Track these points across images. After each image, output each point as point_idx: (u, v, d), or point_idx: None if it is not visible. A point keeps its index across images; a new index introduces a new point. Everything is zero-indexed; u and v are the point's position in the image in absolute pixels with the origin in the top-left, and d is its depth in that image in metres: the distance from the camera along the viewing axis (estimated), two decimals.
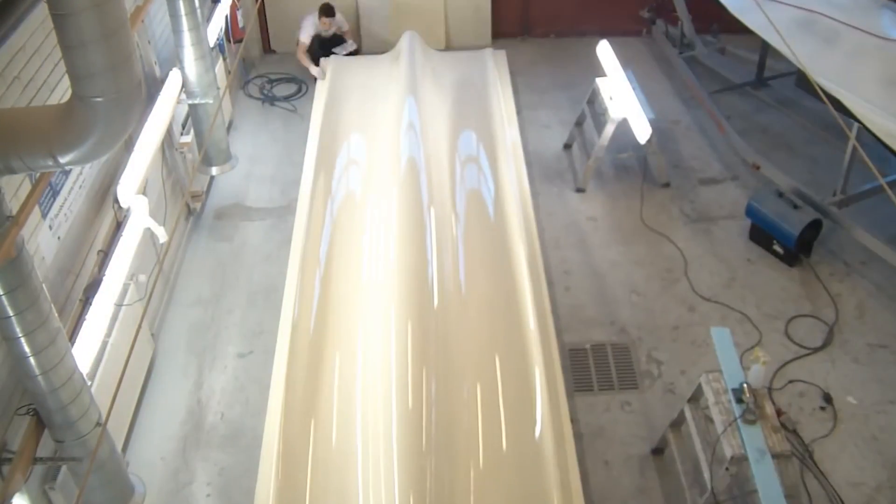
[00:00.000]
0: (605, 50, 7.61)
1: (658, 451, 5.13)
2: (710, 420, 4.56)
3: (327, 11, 8.39)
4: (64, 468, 4.04)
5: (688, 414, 4.74)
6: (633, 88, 7.19)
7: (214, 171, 7.07)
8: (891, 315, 6.07)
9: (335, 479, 4.25)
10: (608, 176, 7.56)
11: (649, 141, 7.03)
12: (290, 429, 4.44)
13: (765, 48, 7.97)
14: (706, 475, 4.42)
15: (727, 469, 4.24)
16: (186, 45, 6.04)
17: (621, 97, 7.11)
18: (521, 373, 4.64)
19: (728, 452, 4.20)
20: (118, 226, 5.17)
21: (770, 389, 5.45)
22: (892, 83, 5.39)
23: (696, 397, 4.73)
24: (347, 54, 8.54)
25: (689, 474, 4.72)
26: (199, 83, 6.27)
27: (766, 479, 3.99)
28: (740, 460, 4.18)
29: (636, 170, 7.57)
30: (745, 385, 4.30)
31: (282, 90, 8.99)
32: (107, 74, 2.75)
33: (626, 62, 7.56)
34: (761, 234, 6.64)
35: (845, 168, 6.30)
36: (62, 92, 4.46)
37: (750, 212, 6.67)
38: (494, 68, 7.62)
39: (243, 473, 4.98)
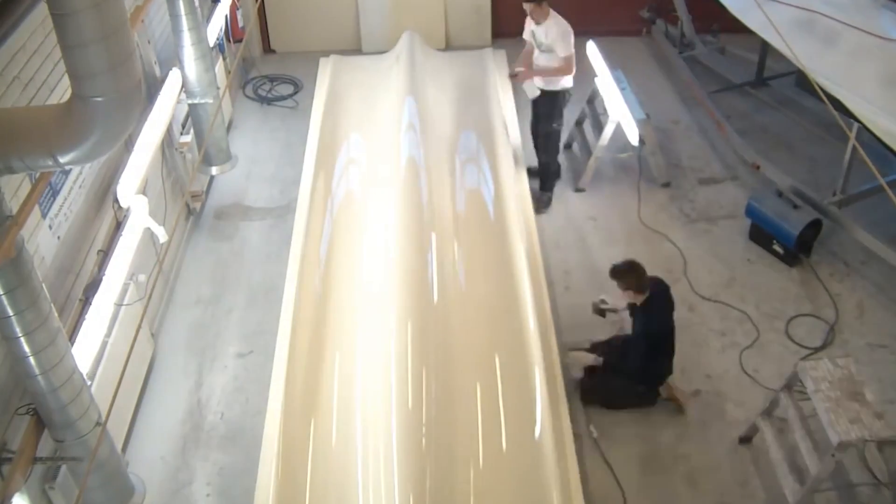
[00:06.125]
0: (593, 51, 7.60)
1: (746, 440, 5.19)
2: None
3: None
4: (64, 468, 4.04)
5: (784, 402, 4.82)
6: (623, 89, 7.14)
7: (214, 170, 7.07)
8: (891, 315, 6.07)
9: (335, 479, 4.25)
10: (608, 176, 7.56)
11: (642, 141, 7.02)
12: (290, 429, 4.44)
13: (765, 48, 7.96)
14: (808, 461, 4.50)
15: (833, 455, 4.32)
16: (186, 45, 6.04)
17: (609, 99, 7.10)
18: (521, 373, 4.63)
19: (834, 439, 4.28)
20: (118, 226, 5.17)
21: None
22: (892, 83, 5.39)
23: (789, 385, 4.83)
24: None
25: (783, 463, 4.79)
26: (198, 83, 6.27)
27: None
28: (846, 447, 4.28)
29: (636, 170, 7.56)
30: None
31: (281, 91, 8.99)
32: (107, 74, 2.74)
33: (625, 62, 7.57)
34: (761, 233, 6.63)
35: (845, 168, 6.29)
36: (62, 92, 4.46)
37: (750, 211, 6.67)
38: (494, 68, 7.62)
39: (243, 473, 4.97)
